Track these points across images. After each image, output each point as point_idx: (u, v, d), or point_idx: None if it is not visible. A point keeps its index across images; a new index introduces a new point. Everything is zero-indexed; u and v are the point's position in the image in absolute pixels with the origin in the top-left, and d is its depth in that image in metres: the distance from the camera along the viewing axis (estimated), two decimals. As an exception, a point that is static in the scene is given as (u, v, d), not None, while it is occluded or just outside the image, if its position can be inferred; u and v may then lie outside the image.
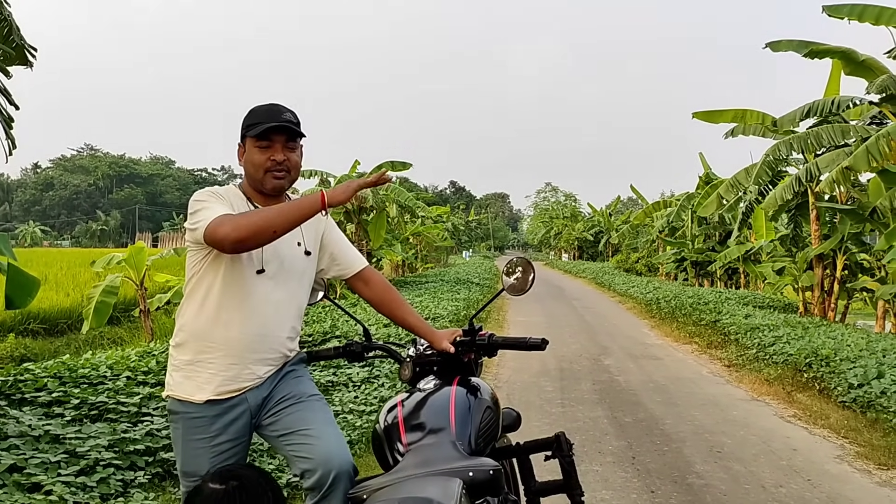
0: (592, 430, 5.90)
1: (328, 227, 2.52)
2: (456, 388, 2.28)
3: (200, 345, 2.25)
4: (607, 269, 32.63)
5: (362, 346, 2.62)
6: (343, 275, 2.53)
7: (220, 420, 2.24)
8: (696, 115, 14.51)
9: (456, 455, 1.98)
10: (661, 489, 4.48)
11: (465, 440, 2.09)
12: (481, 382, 2.41)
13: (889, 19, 9.89)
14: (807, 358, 7.78)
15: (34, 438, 4.16)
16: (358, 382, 6.58)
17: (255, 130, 2.26)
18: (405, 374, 2.49)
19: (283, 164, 2.29)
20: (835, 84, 12.92)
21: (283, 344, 2.34)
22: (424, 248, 30.94)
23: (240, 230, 2.04)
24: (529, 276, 2.57)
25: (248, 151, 2.31)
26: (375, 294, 2.54)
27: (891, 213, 11.11)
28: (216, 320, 2.24)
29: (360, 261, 2.55)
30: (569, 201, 67.69)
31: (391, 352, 2.64)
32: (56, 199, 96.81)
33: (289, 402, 2.31)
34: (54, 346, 13.85)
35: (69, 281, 19.50)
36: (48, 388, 5.24)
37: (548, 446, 2.46)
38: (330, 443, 2.19)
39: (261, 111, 2.31)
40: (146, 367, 6.36)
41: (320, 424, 2.25)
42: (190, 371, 2.25)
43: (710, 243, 22.77)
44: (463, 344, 2.47)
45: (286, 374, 2.37)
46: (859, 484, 4.64)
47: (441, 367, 2.48)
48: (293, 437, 2.24)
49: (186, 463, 2.27)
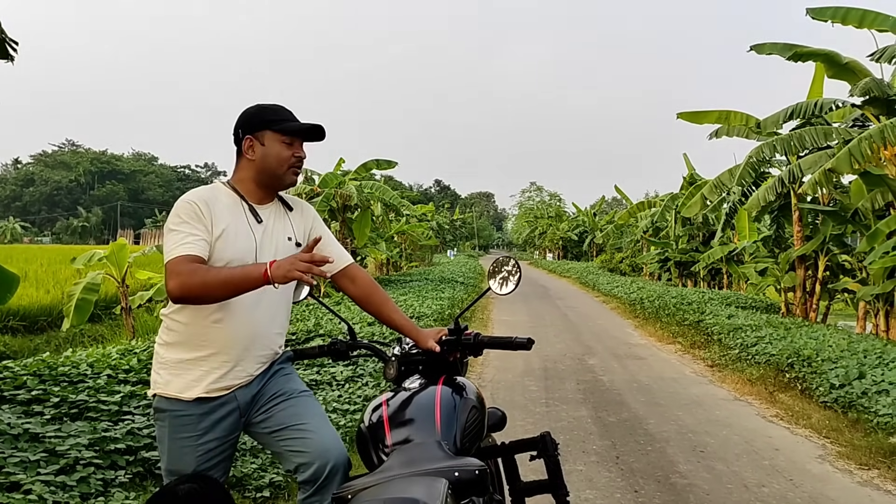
0: (577, 430, 5.91)
1: (315, 222, 2.51)
2: (441, 388, 2.27)
3: (192, 344, 2.23)
4: (592, 269, 32.72)
5: (347, 344, 2.60)
6: (328, 271, 2.51)
7: (207, 418, 2.23)
8: (681, 115, 14.60)
9: (441, 455, 1.97)
10: (645, 489, 4.49)
11: (451, 440, 2.08)
12: (467, 382, 2.39)
13: (872, 22, 10.00)
14: (789, 358, 7.84)
15: (13, 437, 4.09)
16: (342, 381, 6.55)
17: (290, 126, 2.29)
18: (390, 372, 2.47)
19: (301, 163, 2.33)
20: (818, 86, 13.04)
21: (273, 341, 2.36)
22: (409, 247, 30.89)
23: (184, 290, 2.06)
24: (516, 275, 2.56)
25: (271, 146, 2.29)
26: (361, 291, 2.53)
27: (872, 215, 11.23)
28: (209, 319, 2.22)
29: (346, 257, 2.53)
30: (553, 201, 67.78)
31: (376, 350, 2.62)
32: (37, 195, 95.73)
33: (280, 398, 2.32)
34: (34, 343, 13.69)
35: (49, 278, 19.29)
36: (27, 385, 5.15)
37: (533, 446, 2.46)
38: (326, 436, 2.23)
39: (282, 110, 2.33)
40: (127, 365, 6.28)
41: (315, 419, 2.28)
42: (180, 369, 2.23)
43: (694, 244, 22.91)
44: (448, 343, 2.46)
45: (275, 371, 2.38)
46: (841, 484, 4.67)
47: (426, 367, 2.47)
48: (287, 433, 2.25)
49: (172, 461, 2.25)
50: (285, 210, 2.42)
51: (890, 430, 5.50)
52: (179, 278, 2.06)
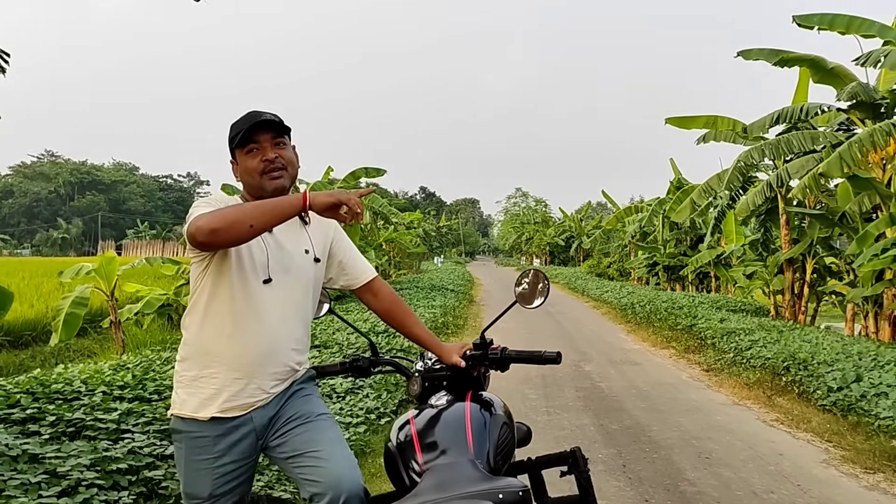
0: (580, 439, 5.88)
1: (337, 234, 2.46)
2: (470, 404, 2.22)
3: (205, 359, 2.17)
4: (580, 274, 32.79)
5: (370, 360, 2.55)
6: (351, 285, 2.46)
7: (223, 440, 2.17)
8: (669, 120, 14.69)
9: (477, 475, 1.92)
10: (655, 497, 4.47)
11: (484, 458, 2.03)
12: (494, 397, 2.35)
13: (858, 28, 10.11)
14: (784, 362, 7.87)
15: (12, 458, 3.99)
16: (342, 393, 6.47)
17: (238, 137, 2.22)
18: (414, 388, 2.42)
19: (276, 162, 2.23)
20: (803, 91, 13.17)
21: (290, 357, 2.27)
22: (398, 255, 30.79)
23: (213, 220, 1.95)
24: (544, 290, 2.52)
25: (241, 162, 2.25)
26: (383, 306, 2.48)
27: (860, 218, 11.32)
28: (220, 333, 2.16)
29: (370, 271, 2.48)
30: (540, 206, 67.96)
31: (399, 366, 2.57)
32: (15, 206, 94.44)
33: (296, 422, 2.23)
34: (19, 358, 13.43)
35: (32, 291, 18.94)
36: (21, 404, 5.04)
37: (561, 461, 2.41)
38: (339, 465, 2.12)
39: (240, 121, 2.26)
40: (122, 381, 6.17)
41: (329, 445, 2.18)
42: (194, 388, 2.17)
43: (682, 248, 23.01)
44: (473, 358, 2.41)
45: (294, 392, 2.30)
46: (848, 488, 4.67)
47: (451, 382, 2.42)
48: (301, 460, 2.16)
49: (188, 484, 2.20)
50: (301, 224, 2.36)
51: (892, 433, 5.52)
52: (208, 215, 1.97)
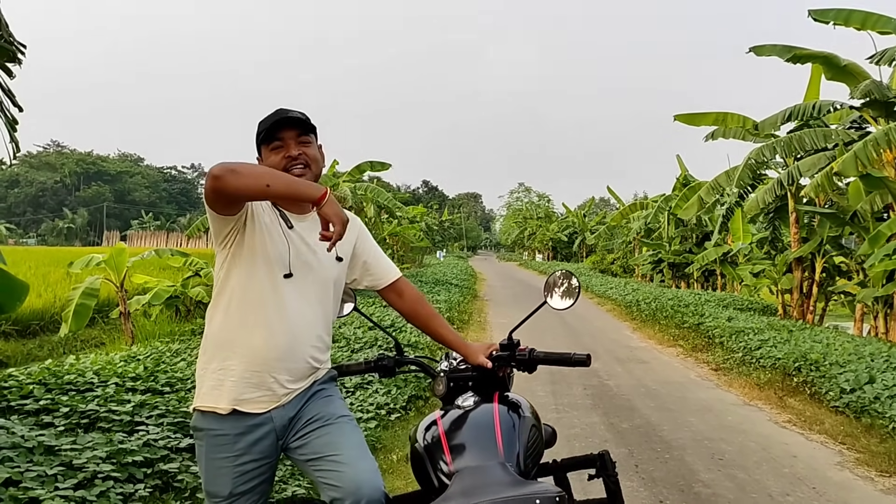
0: (591, 437, 5.86)
1: (361, 234, 2.44)
2: (498, 406, 2.20)
3: (225, 351, 2.16)
4: (583, 270, 32.75)
5: (394, 360, 2.52)
6: (376, 285, 2.44)
7: (243, 439, 2.15)
8: (678, 117, 14.62)
9: (509, 479, 1.89)
10: (670, 498, 4.45)
11: (514, 461, 2.01)
12: (521, 398, 2.33)
13: (874, 24, 10.04)
14: (796, 362, 7.83)
15: (27, 450, 3.98)
16: (352, 388, 6.47)
17: (264, 134, 2.23)
18: (439, 389, 2.39)
19: (299, 159, 2.22)
20: (814, 88, 13.08)
21: (309, 355, 2.24)
22: (401, 249, 30.78)
23: (236, 164, 1.94)
24: (573, 287, 2.50)
25: (267, 159, 2.25)
26: (408, 306, 2.46)
27: (871, 217, 11.27)
28: (240, 326, 2.15)
29: (395, 271, 2.46)
30: (542, 201, 67.77)
31: (423, 366, 2.55)
32: (21, 196, 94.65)
33: (317, 423, 2.20)
34: (27, 347, 13.48)
35: (40, 281, 18.94)
36: (34, 395, 5.05)
37: (588, 464, 2.39)
38: (359, 470, 2.08)
39: (266, 118, 2.26)
40: (133, 372, 6.19)
41: (349, 449, 2.14)
42: (215, 380, 2.16)
43: (687, 245, 22.97)
44: (500, 359, 2.39)
45: (315, 393, 2.26)
46: (864, 492, 4.65)
47: (476, 383, 2.40)
48: (321, 463, 2.13)
49: (209, 482, 2.18)
50: None
51: (907, 436, 5.49)
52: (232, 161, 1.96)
